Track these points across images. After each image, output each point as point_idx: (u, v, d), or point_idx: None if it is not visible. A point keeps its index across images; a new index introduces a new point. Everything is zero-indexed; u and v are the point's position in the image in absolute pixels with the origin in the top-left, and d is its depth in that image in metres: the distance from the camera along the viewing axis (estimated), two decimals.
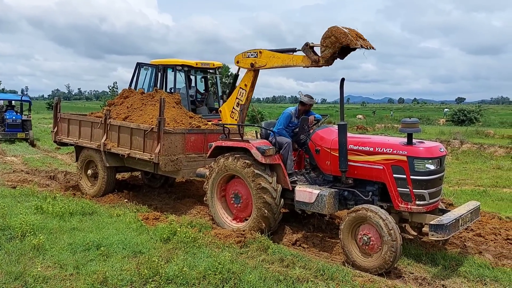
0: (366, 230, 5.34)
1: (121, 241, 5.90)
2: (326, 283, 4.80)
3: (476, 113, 43.07)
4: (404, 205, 5.53)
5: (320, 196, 5.88)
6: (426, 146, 5.59)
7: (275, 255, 5.59)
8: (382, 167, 5.67)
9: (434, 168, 5.47)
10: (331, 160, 6.19)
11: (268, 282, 4.70)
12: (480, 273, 5.27)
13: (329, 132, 6.46)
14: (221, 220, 6.93)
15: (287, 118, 6.90)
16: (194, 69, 11.83)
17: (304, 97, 6.90)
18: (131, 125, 8.18)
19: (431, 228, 5.02)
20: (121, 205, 8.19)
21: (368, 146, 5.86)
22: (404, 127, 5.58)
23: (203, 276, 4.78)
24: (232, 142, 6.80)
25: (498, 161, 14.95)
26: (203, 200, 8.78)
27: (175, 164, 7.74)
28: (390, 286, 4.84)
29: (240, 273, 4.82)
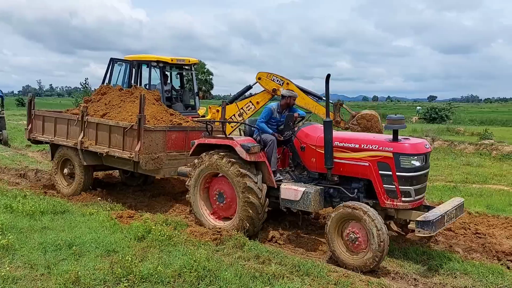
0: (354, 229, 5.31)
1: (94, 240, 5.79)
2: (301, 279, 4.83)
3: (447, 111, 44.07)
4: (390, 201, 5.53)
5: (306, 193, 5.83)
6: (411, 142, 5.59)
7: (251, 252, 5.60)
8: (367, 164, 5.65)
9: (420, 165, 5.48)
10: (316, 157, 6.16)
11: (244, 279, 4.70)
12: (451, 267, 5.40)
13: (314, 129, 6.44)
14: (204, 219, 6.79)
15: (268, 112, 6.78)
16: (169, 65, 11.69)
17: (284, 90, 6.83)
18: (110, 122, 7.99)
19: (418, 225, 5.02)
20: (94, 204, 8.05)
21: (353, 142, 5.84)
22: (389, 124, 5.55)
23: (178, 274, 4.74)
24: (216, 140, 6.67)
25: (467, 158, 15.34)
26: (179, 198, 8.77)
27: (156, 162, 7.59)
28: (364, 280, 4.91)
29: (216, 271, 4.80)
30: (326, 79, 5.80)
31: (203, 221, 6.76)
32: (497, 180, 11.63)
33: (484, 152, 16.47)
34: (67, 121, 8.81)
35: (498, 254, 5.87)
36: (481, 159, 15.33)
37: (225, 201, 6.59)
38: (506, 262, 5.68)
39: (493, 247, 6.03)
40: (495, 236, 6.54)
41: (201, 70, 42.30)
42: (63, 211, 7.30)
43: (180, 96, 12.37)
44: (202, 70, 42.95)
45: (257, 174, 6.28)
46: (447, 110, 44.32)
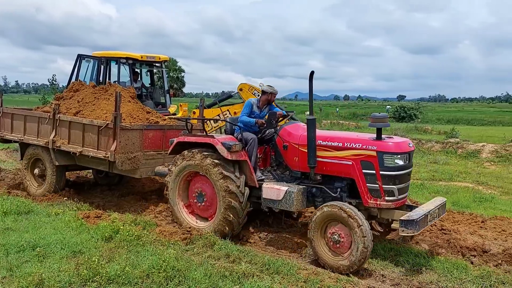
0: (338, 230, 5.26)
1: (59, 241, 5.64)
2: (271, 277, 4.84)
3: (415, 110, 45.20)
4: (373, 201, 5.48)
5: (289, 193, 5.74)
6: (395, 141, 5.56)
7: (221, 251, 5.57)
8: (351, 163, 5.59)
9: (403, 164, 5.44)
10: (299, 156, 6.07)
11: (213, 279, 4.67)
12: (417, 262, 5.52)
13: (296, 127, 6.36)
14: (182, 217, 6.62)
15: (249, 106, 6.65)
16: (139, 62, 11.52)
17: (265, 86, 6.77)
18: (84, 120, 7.69)
19: (402, 224, 4.98)
20: (61, 204, 7.83)
21: (337, 141, 5.77)
22: (373, 122, 5.50)
23: (147, 275, 4.66)
24: (196, 138, 6.48)
25: (434, 156, 15.75)
26: (148, 197, 8.64)
27: (132, 162, 7.36)
28: (333, 277, 4.96)
29: (185, 270, 4.75)
30: (310, 77, 5.70)
31: (181, 219, 6.61)
32: (462, 178, 11.98)
33: (450, 150, 16.94)
34: (38, 119, 8.48)
35: (462, 250, 6.04)
36: (447, 157, 15.76)
37: (204, 202, 6.44)
38: (469, 257, 5.84)
39: (457, 242, 6.19)
40: (460, 232, 6.72)
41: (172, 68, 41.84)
42: (27, 211, 7.08)
43: (150, 94, 12.21)
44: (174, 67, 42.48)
45: (240, 176, 6.12)
46: (415, 109, 45.45)
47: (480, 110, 74.21)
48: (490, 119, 46.30)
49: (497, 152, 16.00)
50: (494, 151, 16.08)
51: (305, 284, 4.70)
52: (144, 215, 7.21)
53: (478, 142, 18.22)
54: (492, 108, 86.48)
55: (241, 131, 6.49)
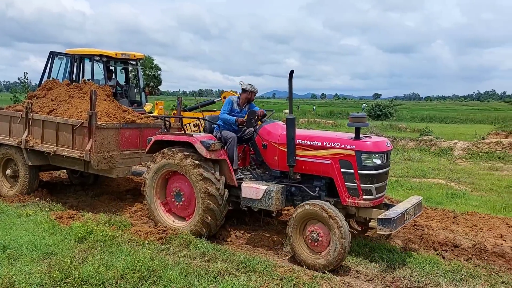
0: (316, 228, 5.29)
1: (31, 242, 5.51)
2: (247, 275, 4.84)
3: (390, 109, 45.95)
4: (351, 200, 5.51)
5: (268, 192, 5.71)
6: (373, 140, 5.61)
7: (197, 250, 5.54)
8: (329, 162, 5.60)
9: (381, 163, 5.49)
10: (278, 155, 6.06)
11: (189, 278, 4.64)
12: (390, 258, 5.61)
13: (276, 126, 6.33)
14: (159, 217, 6.52)
15: (230, 104, 6.60)
16: (113, 59, 11.35)
17: (246, 84, 6.72)
18: (58, 119, 7.52)
19: (379, 223, 5.03)
20: (32, 204, 7.64)
21: (316, 140, 5.78)
22: (352, 121, 5.53)
23: (121, 275, 4.59)
24: (174, 136, 6.39)
25: (409, 153, 16.06)
26: (123, 197, 8.53)
27: (108, 162, 7.21)
28: (309, 274, 4.99)
29: (160, 270, 4.70)
30: (290, 76, 5.69)
31: (158, 217, 6.52)
32: (435, 174, 12.25)
33: (424, 148, 17.30)
34: (10, 118, 8.26)
35: (435, 245, 6.17)
36: (421, 154, 16.10)
37: (182, 201, 6.36)
38: (441, 252, 5.98)
39: (430, 238, 6.32)
40: (432, 227, 6.86)
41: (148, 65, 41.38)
42: None
43: (125, 92, 12.05)
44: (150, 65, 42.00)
45: (220, 178, 6.05)
46: (390, 108, 46.20)
47: (453, 108, 75.99)
48: (462, 117, 47.48)
49: (468, 149, 16.43)
50: (465, 148, 16.50)
51: (281, 282, 4.72)
52: (118, 215, 7.10)
53: (451, 139, 18.67)
54: (464, 106, 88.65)
55: (220, 130, 6.42)
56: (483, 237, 6.36)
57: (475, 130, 25.61)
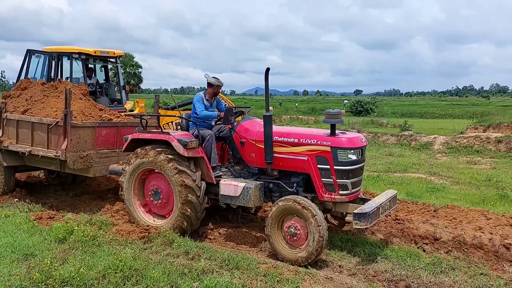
0: (294, 223, 5.35)
1: (10, 244, 5.41)
2: (231, 273, 4.84)
3: (371, 105, 46.47)
4: (328, 195, 5.59)
5: (246, 189, 5.74)
6: (348, 136, 5.68)
7: (180, 248, 5.51)
8: (306, 158, 5.68)
9: (356, 158, 5.57)
10: (256, 152, 6.09)
11: (172, 276, 4.61)
12: (372, 252, 5.68)
13: (253, 124, 6.33)
14: (139, 217, 6.46)
15: (201, 100, 6.54)
16: (92, 57, 11.17)
17: (211, 78, 6.67)
18: (32, 119, 7.41)
19: (355, 217, 5.12)
20: (11, 205, 7.51)
21: (292, 137, 5.83)
22: (327, 118, 5.58)
23: (103, 276, 4.55)
24: (151, 134, 6.34)
25: (390, 148, 16.25)
26: (104, 196, 8.42)
27: (85, 161, 7.10)
28: (292, 270, 5.01)
29: (143, 270, 4.67)
30: (266, 74, 5.71)
31: (138, 219, 6.45)
32: (415, 169, 12.43)
33: (404, 143, 17.53)
34: None
35: (415, 238, 6.27)
36: (401, 149, 16.31)
37: (160, 199, 6.33)
38: (422, 245, 6.08)
39: (410, 231, 6.42)
40: (413, 221, 6.96)
41: (129, 63, 40.86)
42: None
43: (105, 90, 11.88)
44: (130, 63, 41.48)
45: (196, 171, 6.06)
46: (371, 104, 46.72)
47: (432, 104, 77.18)
48: (441, 112, 48.31)
49: (447, 143, 16.72)
50: (445, 143, 16.79)
51: (264, 278, 4.73)
52: (100, 215, 7.00)
53: (430, 134, 18.97)
54: (443, 102, 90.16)
55: (197, 127, 6.38)
56: (463, 229, 6.48)
57: (454, 125, 26.09)
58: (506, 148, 16.85)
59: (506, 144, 17.22)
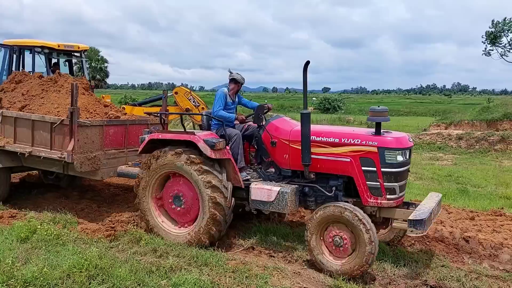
0: (339, 231, 4.92)
1: None
2: (199, 269, 4.83)
3: (339, 102, 47.23)
4: (373, 200, 5.13)
5: (282, 193, 5.26)
6: (396, 136, 5.24)
7: (148, 246, 5.46)
8: (349, 160, 5.20)
9: (404, 160, 5.12)
10: (290, 153, 5.59)
11: (139, 274, 4.55)
12: None
13: (284, 122, 5.92)
14: (158, 227, 5.89)
15: (223, 98, 6.04)
16: (56, 51, 10.81)
17: (236, 74, 6.19)
18: (33, 116, 6.79)
19: (410, 224, 4.67)
20: None
21: (333, 137, 5.35)
22: (372, 116, 5.16)
23: (67, 275, 4.44)
24: (173, 134, 5.79)
25: None
26: (69, 194, 8.21)
27: (92, 163, 6.55)
28: (261, 266, 5.05)
29: (109, 268, 4.58)
30: (304, 67, 5.19)
31: (152, 224, 5.92)
32: None
33: None
34: None
35: None
36: None
37: (183, 205, 5.79)
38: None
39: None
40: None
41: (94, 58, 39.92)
42: None
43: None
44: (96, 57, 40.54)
45: (222, 172, 5.58)
46: (339, 101, 47.48)
47: (397, 102, 79.11)
48: (406, 110, 49.67)
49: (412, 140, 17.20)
50: None
51: (233, 274, 4.75)
52: (64, 213, 6.82)
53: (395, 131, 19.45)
54: (408, 100, 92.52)
55: (224, 127, 5.88)
56: None
57: (418, 122, 26.87)
58: (466, 145, 17.53)
59: (467, 141, 17.89)
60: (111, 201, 7.97)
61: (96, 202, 7.78)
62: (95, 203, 7.68)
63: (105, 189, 8.88)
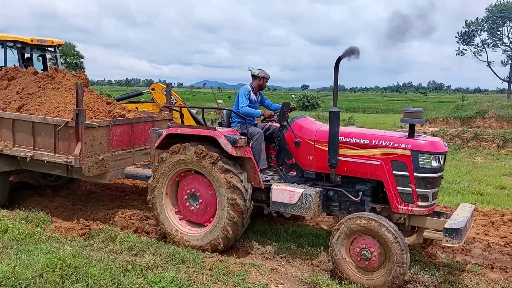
0: (368, 244, 4.57)
1: None
2: (176, 267, 4.80)
3: (317, 99, 47.51)
4: (404, 206, 4.84)
5: (305, 196, 5.03)
6: (430, 140, 4.95)
7: (124, 244, 5.40)
8: (379, 163, 4.92)
9: (438, 165, 4.83)
10: (314, 154, 5.34)
11: (114, 273, 4.49)
12: (316, 243, 5.84)
13: (309, 122, 5.70)
14: (168, 222, 5.65)
15: (247, 94, 5.89)
16: (29, 46, 10.57)
17: (256, 70, 6.03)
18: (33, 118, 6.35)
19: (446, 233, 4.41)
20: None
21: (363, 138, 5.09)
22: (406, 117, 4.89)
23: (40, 275, 4.36)
24: (193, 129, 5.54)
25: None
26: (43, 192, 8.02)
27: (100, 166, 6.23)
28: (238, 263, 5.05)
29: (83, 267, 4.51)
30: (336, 64, 4.96)
31: (166, 225, 5.66)
32: None
33: None
34: None
35: None
36: None
37: (199, 204, 5.52)
38: None
39: None
40: None
41: (69, 53, 39.09)
42: None
43: None
44: (71, 52, 39.71)
45: (243, 173, 5.34)
46: (317, 99, 47.77)
47: (375, 99, 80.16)
48: (383, 108, 50.37)
49: None
50: None
51: (210, 272, 4.73)
52: (37, 211, 6.67)
53: (373, 129, 19.69)
54: (385, 98, 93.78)
55: (246, 124, 5.66)
56: None
57: (395, 119, 27.25)
58: None
59: (441, 138, 18.27)
60: (87, 199, 7.83)
61: (71, 200, 7.62)
62: (70, 201, 7.52)
63: (80, 186, 8.72)
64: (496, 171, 12.57)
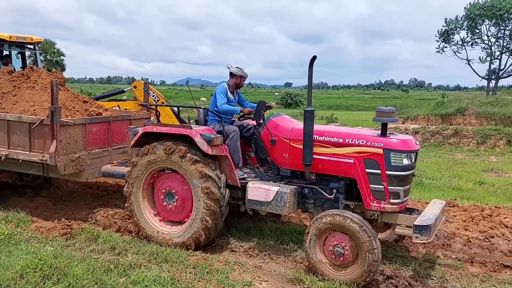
0: (339, 240, 4.62)
1: None
2: (159, 266, 4.78)
3: (301, 97, 47.68)
4: (376, 203, 4.93)
5: (280, 193, 5.09)
6: (401, 138, 5.02)
7: (106, 244, 5.35)
8: (353, 161, 4.98)
9: (409, 163, 4.91)
10: (290, 153, 5.38)
11: (97, 273, 4.45)
12: (299, 239, 5.84)
13: (285, 120, 5.72)
14: (148, 225, 5.62)
15: (224, 92, 5.92)
16: (7, 43, 10.35)
17: (234, 68, 6.06)
18: (7, 116, 6.30)
19: (416, 230, 4.49)
20: None
21: (336, 137, 5.14)
22: (379, 116, 4.94)
23: (20, 276, 4.30)
24: (169, 128, 5.50)
25: None
26: (21, 192, 7.88)
27: (76, 164, 6.18)
28: (222, 261, 5.05)
29: (64, 267, 4.46)
30: (310, 63, 5.00)
31: (146, 228, 5.62)
32: None
33: None
34: None
35: None
36: None
37: (176, 201, 5.52)
38: None
39: None
40: None
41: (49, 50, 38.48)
42: None
43: None
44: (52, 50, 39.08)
45: (221, 178, 5.33)
46: (301, 96, 47.94)
47: (357, 97, 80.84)
48: (365, 105, 50.80)
49: None
50: None
51: (194, 270, 4.73)
52: (17, 211, 6.56)
53: (355, 126, 19.88)
54: (367, 95, 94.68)
55: (222, 122, 5.67)
56: None
57: None
58: (422, 139, 18.15)
59: (422, 135, 18.54)
60: (68, 198, 7.72)
61: (52, 200, 7.51)
62: (51, 201, 7.41)
63: (62, 185, 8.59)
64: (475, 167, 12.82)
